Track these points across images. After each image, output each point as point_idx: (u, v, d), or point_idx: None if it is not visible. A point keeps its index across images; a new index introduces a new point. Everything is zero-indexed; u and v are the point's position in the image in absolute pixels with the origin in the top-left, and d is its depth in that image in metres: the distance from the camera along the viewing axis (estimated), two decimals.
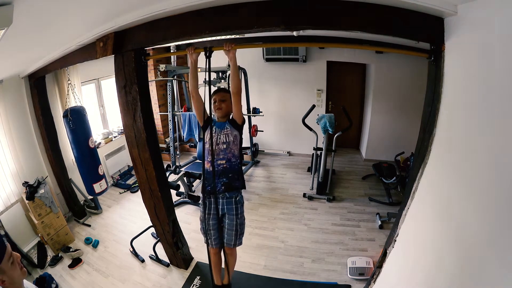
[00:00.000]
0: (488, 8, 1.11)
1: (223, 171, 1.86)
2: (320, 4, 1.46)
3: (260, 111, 4.38)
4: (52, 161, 3.43)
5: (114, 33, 1.95)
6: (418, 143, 1.83)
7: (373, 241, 3.02)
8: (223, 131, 1.88)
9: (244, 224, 2.01)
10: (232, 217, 1.92)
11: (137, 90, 2.03)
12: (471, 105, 1.25)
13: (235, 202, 1.91)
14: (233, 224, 1.93)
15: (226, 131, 1.87)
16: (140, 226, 3.22)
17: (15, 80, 3.04)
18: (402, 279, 1.81)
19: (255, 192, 4.19)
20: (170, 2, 1.58)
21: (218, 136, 1.87)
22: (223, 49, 1.72)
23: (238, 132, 1.90)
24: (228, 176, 1.87)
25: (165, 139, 5.36)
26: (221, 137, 1.87)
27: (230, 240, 1.95)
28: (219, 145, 1.86)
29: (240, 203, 1.94)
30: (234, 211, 1.91)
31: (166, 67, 4.01)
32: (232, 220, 1.92)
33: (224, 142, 1.86)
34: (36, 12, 1.41)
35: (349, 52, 4.57)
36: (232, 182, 1.87)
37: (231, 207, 1.91)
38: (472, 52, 1.26)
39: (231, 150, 1.87)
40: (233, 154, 1.87)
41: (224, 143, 1.86)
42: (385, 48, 2.76)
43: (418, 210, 1.73)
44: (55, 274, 2.73)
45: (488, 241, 1.03)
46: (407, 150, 3.99)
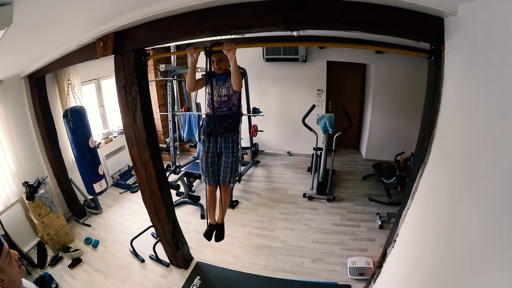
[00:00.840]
0: (488, 8, 1.11)
1: (224, 117, 2.00)
2: (320, 4, 1.46)
3: (260, 111, 4.37)
4: (52, 161, 3.43)
5: (114, 33, 1.95)
6: (418, 143, 1.82)
7: (373, 241, 3.02)
8: (225, 84, 1.97)
9: (239, 163, 2.21)
10: (228, 155, 2.06)
11: (137, 90, 2.03)
12: (471, 105, 1.25)
13: (232, 141, 2.05)
14: (228, 161, 2.07)
15: (227, 84, 1.96)
16: (140, 226, 3.22)
17: (15, 80, 3.04)
18: (402, 279, 1.80)
19: (255, 192, 4.19)
20: (170, 2, 1.58)
21: (220, 89, 1.97)
22: (223, 49, 1.72)
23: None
24: (228, 122, 2.02)
25: (165, 139, 5.36)
26: (223, 90, 1.97)
27: (225, 177, 2.10)
28: (221, 97, 1.98)
29: (236, 142, 2.09)
30: (230, 149, 2.05)
31: (166, 67, 4.01)
32: (228, 158, 2.06)
33: (225, 95, 1.98)
34: (36, 12, 1.41)
35: (349, 52, 4.57)
36: (230, 126, 2.03)
37: (228, 145, 2.05)
38: (472, 52, 1.26)
39: (231, 100, 2.00)
40: (233, 103, 2.01)
41: (225, 96, 1.98)
42: (385, 48, 2.76)
43: (418, 210, 1.72)
44: (55, 274, 2.73)
45: (488, 240, 1.03)
46: (407, 150, 3.99)
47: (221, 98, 1.97)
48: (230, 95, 1.98)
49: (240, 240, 3.17)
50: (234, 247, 3.06)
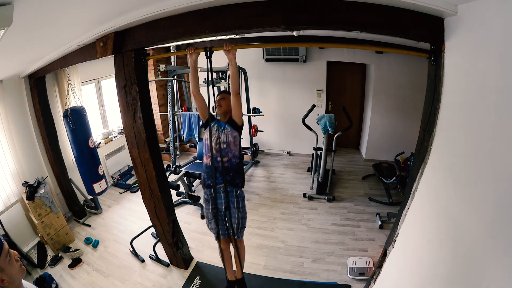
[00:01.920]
0: (488, 8, 1.11)
1: (225, 169, 1.94)
2: (320, 4, 1.46)
3: (260, 111, 4.38)
4: (52, 161, 3.42)
5: (114, 33, 1.95)
6: (418, 143, 1.83)
7: (373, 241, 3.02)
8: (223, 131, 1.95)
9: (246, 218, 2.10)
10: (235, 211, 2.01)
11: (137, 90, 2.04)
12: (471, 105, 1.25)
13: (236, 196, 1.99)
14: (235, 217, 2.02)
15: (226, 131, 1.94)
16: (140, 226, 3.22)
17: (15, 80, 3.04)
18: (402, 279, 1.81)
19: (255, 192, 4.19)
20: (170, 2, 1.58)
21: (219, 134, 1.94)
22: (223, 49, 1.72)
23: (238, 133, 1.98)
24: (229, 175, 1.96)
25: (165, 139, 5.36)
26: (222, 137, 1.94)
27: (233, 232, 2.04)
28: (221, 145, 1.93)
29: (241, 197, 2.02)
30: (235, 204, 2.00)
31: (166, 67, 4.01)
32: (235, 214, 2.01)
33: (224, 142, 1.93)
34: (36, 12, 1.41)
35: (349, 52, 4.57)
36: (233, 179, 1.97)
37: (233, 200, 1.99)
38: (472, 52, 1.26)
39: (231, 150, 1.94)
40: (233, 155, 1.95)
41: (224, 143, 1.93)
42: (385, 48, 2.76)
43: (418, 210, 1.73)
44: (55, 274, 2.73)
45: (488, 241, 1.03)
46: (407, 150, 3.99)
47: (221, 144, 1.91)
48: (229, 142, 1.93)
49: None
50: None
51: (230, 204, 1.99)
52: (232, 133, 1.94)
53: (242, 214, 2.04)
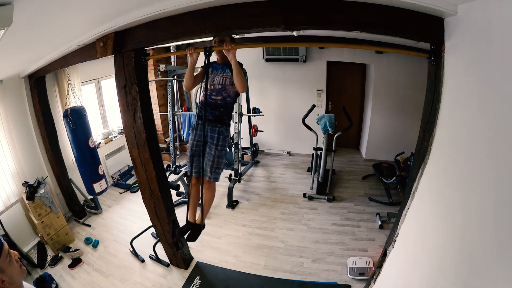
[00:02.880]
0: (488, 8, 1.11)
1: (216, 105, 1.94)
2: (320, 4, 1.46)
3: (260, 111, 4.37)
4: (52, 161, 3.42)
5: (114, 33, 1.94)
6: (418, 143, 1.82)
7: (373, 241, 3.02)
8: (221, 73, 1.91)
9: (223, 160, 2.01)
10: (212, 146, 1.95)
11: (137, 90, 2.03)
12: (471, 105, 1.25)
13: (218, 132, 1.95)
14: (211, 154, 1.95)
15: (226, 75, 1.91)
16: (140, 226, 3.22)
17: (15, 80, 3.04)
18: (402, 279, 1.80)
19: (255, 192, 4.19)
20: (170, 2, 1.58)
21: (214, 76, 1.92)
22: (223, 49, 1.72)
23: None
24: (219, 110, 1.95)
25: (165, 139, 5.36)
26: (217, 79, 1.91)
27: (206, 170, 1.98)
28: (215, 85, 1.92)
29: (223, 134, 1.96)
30: (215, 140, 1.95)
31: (166, 67, 4.02)
32: (211, 150, 1.95)
33: (220, 83, 1.91)
34: (36, 12, 1.41)
35: (349, 52, 4.57)
36: (221, 116, 1.95)
37: (213, 135, 1.95)
38: (472, 52, 1.26)
39: (226, 90, 1.92)
40: (228, 94, 1.94)
41: (220, 84, 1.91)
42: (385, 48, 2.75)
43: (418, 210, 1.72)
44: (55, 274, 2.73)
45: (489, 240, 1.03)
46: (407, 150, 3.99)
47: (215, 86, 1.91)
48: (225, 85, 1.90)
49: (240, 240, 3.17)
50: (234, 247, 3.06)
51: (209, 140, 1.95)
52: (231, 78, 1.88)
53: (219, 153, 1.96)
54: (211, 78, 1.92)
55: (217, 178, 2.02)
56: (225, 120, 1.98)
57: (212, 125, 1.95)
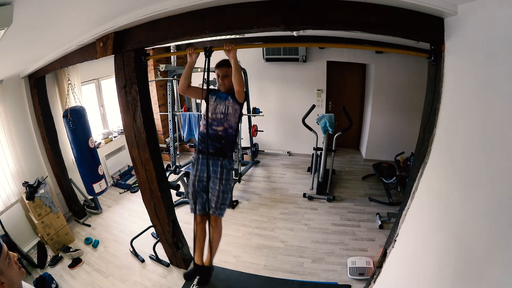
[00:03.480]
0: (488, 8, 1.11)
1: (218, 137, 1.88)
2: (320, 3, 1.46)
3: (260, 111, 4.37)
4: (52, 161, 3.42)
5: (114, 33, 1.95)
6: (418, 143, 1.83)
7: (373, 241, 3.02)
8: (224, 102, 1.89)
9: (228, 195, 1.94)
10: (216, 181, 1.87)
11: (137, 90, 2.03)
12: (471, 105, 1.25)
13: (221, 165, 1.87)
14: (215, 189, 1.87)
15: (228, 103, 1.88)
16: (140, 226, 3.22)
17: (15, 80, 3.04)
18: (402, 279, 1.81)
19: (255, 192, 4.19)
20: (170, 2, 1.58)
21: (217, 105, 1.89)
22: (223, 49, 1.72)
23: (239, 107, 1.91)
24: (221, 142, 1.88)
25: (165, 139, 5.36)
26: (220, 107, 1.88)
27: (211, 206, 1.91)
28: (217, 114, 1.88)
29: (226, 168, 1.89)
30: (218, 174, 1.87)
31: (166, 67, 4.01)
32: (215, 185, 1.87)
33: (222, 113, 1.87)
34: (36, 12, 1.41)
35: (349, 52, 4.57)
36: (223, 148, 1.88)
37: (216, 169, 1.87)
38: (472, 52, 1.26)
39: (228, 120, 1.88)
40: (230, 125, 1.89)
41: (222, 113, 1.87)
42: (385, 48, 2.76)
43: (418, 210, 1.72)
44: (55, 274, 2.73)
45: (488, 241, 1.03)
46: (407, 150, 3.99)
47: (217, 115, 1.86)
48: (228, 114, 1.86)
49: (240, 240, 3.17)
50: (234, 247, 3.06)
51: (212, 174, 1.86)
52: (233, 106, 1.86)
53: (224, 188, 1.87)
54: (213, 106, 1.88)
55: (222, 213, 1.94)
56: (227, 152, 1.90)
57: (213, 158, 1.88)
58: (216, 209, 1.90)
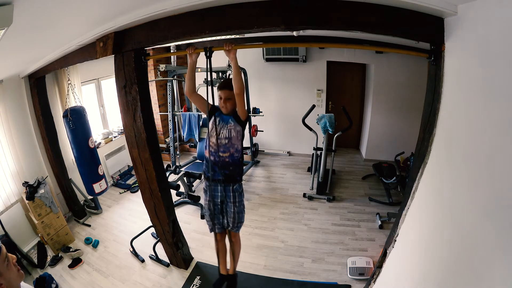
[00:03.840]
0: (488, 8, 1.11)
1: (225, 164, 1.92)
2: (320, 4, 1.46)
3: (260, 111, 4.37)
4: (52, 161, 3.42)
5: (114, 33, 1.95)
6: (418, 143, 1.83)
7: (373, 241, 3.02)
8: (227, 125, 1.90)
9: (243, 214, 2.07)
10: (230, 205, 1.99)
11: (137, 90, 2.03)
12: (471, 105, 1.25)
13: (233, 190, 1.97)
14: (231, 211, 2.00)
15: (230, 126, 1.90)
16: (140, 226, 3.22)
17: (15, 80, 3.04)
18: (402, 279, 1.80)
19: (255, 192, 4.19)
20: (170, 2, 1.58)
21: (220, 130, 1.90)
22: (223, 49, 1.72)
23: (241, 128, 1.93)
24: (229, 169, 1.93)
25: (165, 139, 5.36)
26: (224, 132, 1.89)
27: (229, 226, 2.06)
28: (221, 140, 1.89)
29: (238, 191, 1.99)
30: (232, 198, 1.98)
31: (166, 67, 4.01)
32: (230, 208, 2.00)
33: (226, 137, 1.89)
34: (36, 12, 1.41)
35: (349, 52, 4.57)
36: (232, 174, 1.95)
37: (229, 194, 1.98)
38: (472, 52, 1.26)
39: (233, 145, 1.91)
40: (235, 149, 1.92)
41: (226, 138, 1.89)
42: (385, 48, 2.76)
43: (418, 210, 1.73)
44: (55, 274, 2.73)
45: (488, 241, 1.03)
46: (407, 150, 3.99)
47: (222, 140, 1.88)
48: (232, 138, 1.88)
49: None
50: None
51: (227, 199, 1.98)
52: (235, 128, 1.89)
53: (238, 209, 2.01)
54: (216, 130, 1.89)
55: (239, 228, 2.10)
56: (237, 177, 1.97)
57: (225, 185, 1.96)
58: (233, 227, 2.06)
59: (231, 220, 2.02)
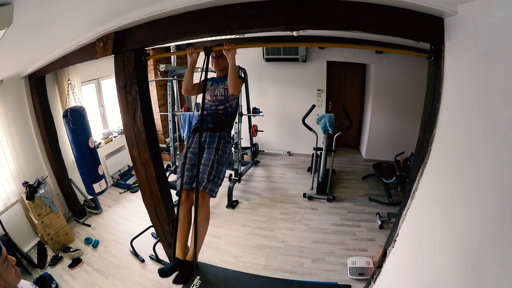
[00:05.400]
0: (488, 8, 1.11)
1: (217, 114, 1.90)
2: (320, 3, 1.46)
3: (260, 111, 4.37)
4: (52, 161, 3.42)
5: (114, 33, 1.94)
6: (418, 143, 1.82)
7: (373, 241, 3.02)
8: (222, 85, 1.91)
9: (223, 169, 1.73)
10: (211, 151, 1.70)
11: (137, 90, 2.03)
12: (471, 105, 1.25)
13: (219, 136, 1.78)
14: (210, 158, 1.66)
15: (224, 86, 1.89)
16: (140, 226, 3.22)
17: (15, 80, 3.04)
18: (402, 279, 1.80)
19: (255, 192, 4.19)
20: (170, 2, 1.57)
21: (216, 89, 1.91)
22: (223, 49, 1.72)
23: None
24: (221, 119, 1.90)
25: (165, 139, 5.36)
26: (220, 90, 1.90)
27: (202, 178, 1.61)
28: (217, 97, 1.89)
29: (224, 139, 1.79)
30: (215, 144, 1.74)
31: (166, 67, 4.02)
32: (210, 154, 1.68)
33: (221, 95, 1.90)
34: (36, 12, 1.41)
35: (349, 52, 4.57)
36: (222, 124, 1.88)
37: (213, 140, 1.77)
38: (472, 52, 1.26)
39: (229, 101, 1.91)
40: (230, 105, 1.92)
41: (221, 95, 1.89)
42: (385, 48, 2.76)
43: (418, 210, 1.72)
44: (55, 274, 2.73)
45: (489, 241, 1.03)
46: (407, 150, 3.99)
47: (217, 97, 1.89)
48: (227, 95, 1.89)
49: (240, 240, 3.17)
50: (234, 247, 3.06)
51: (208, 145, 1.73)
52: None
53: (219, 158, 1.68)
54: (211, 91, 1.90)
55: (213, 190, 1.65)
56: (226, 127, 1.90)
57: (211, 131, 1.84)
58: (207, 183, 1.61)
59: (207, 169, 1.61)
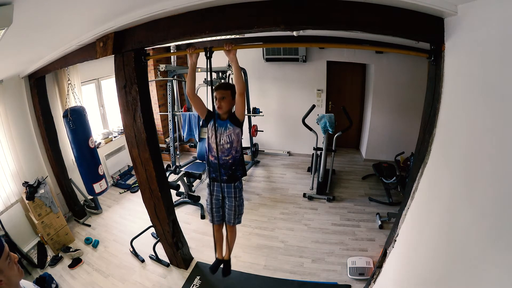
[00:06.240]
0: (488, 8, 1.11)
1: (228, 165, 2.02)
2: (320, 3, 1.46)
3: (260, 111, 4.37)
4: (52, 161, 3.42)
5: (114, 33, 1.95)
6: (418, 143, 1.83)
7: (373, 241, 3.02)
8: (226, 131, 1.94)
9: (243, 206, 2.23)
10: (232, 200, 2.13)
11: (137, 90, 2.03)
12: (471, 105, 1.25)
13: (234, 187, 2.10)
14: (232, 205, 2.14)
15: (229, 131, 1.94)
16: (140, 226, 3.22)
17: (15, 80, 3.04)
18: (402, 279, 1.81)
19: (255, 192, 4.19)
20: (170, 2, 1.57)
21: (221, 136, 1.95)
22: (223, 49, 1.72)
23: (240, 129, 1.99)
24: (232, 169, 2.04)
25: (165, 139, 5.36)
26: (224, 138, 1.95)
27: (230, 219, 2.18)
28: (223, 145, 1.95)
29: (238, 188, 2.14)
30: (233, 194, 2.12)
31: (166, 67, 4.01)
32: (231, 202, 2.14)
33: (228, 142, 1.96)
34: (36, 12, 1.41)
35: (349, 52, 4.57)
36: (234, 173, 2.06)
37: (230, 190, 2.11)
38: (472, 52, 1.26)
39: (234, 147, 1.98)
40: (236, 150, 2.00)
41: (228, 143, 1.96)
42: (385, 48, 2.76)
43: (418, 210, 1.73)
44: (55, 274, 2.73)
45: (489, 241, 1.03)
46: (407, 150, 3.99)
47: (224, 146, 1.95)
48: (232, 141, 1.96)
49: (240, 240, 3.15)
50: (234, 247, 3.05)
51: (227, 195, 2.12)
52: (234, 131, 1.94)
53: (238, 202, 2.15)
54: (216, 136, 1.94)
55: (239, 220, 2.24)
56: (239, 175, 2.10)
57: (227, 183, 2.08)
58: (234, 220, 2.20)
59: (232, 213, 2.16)
